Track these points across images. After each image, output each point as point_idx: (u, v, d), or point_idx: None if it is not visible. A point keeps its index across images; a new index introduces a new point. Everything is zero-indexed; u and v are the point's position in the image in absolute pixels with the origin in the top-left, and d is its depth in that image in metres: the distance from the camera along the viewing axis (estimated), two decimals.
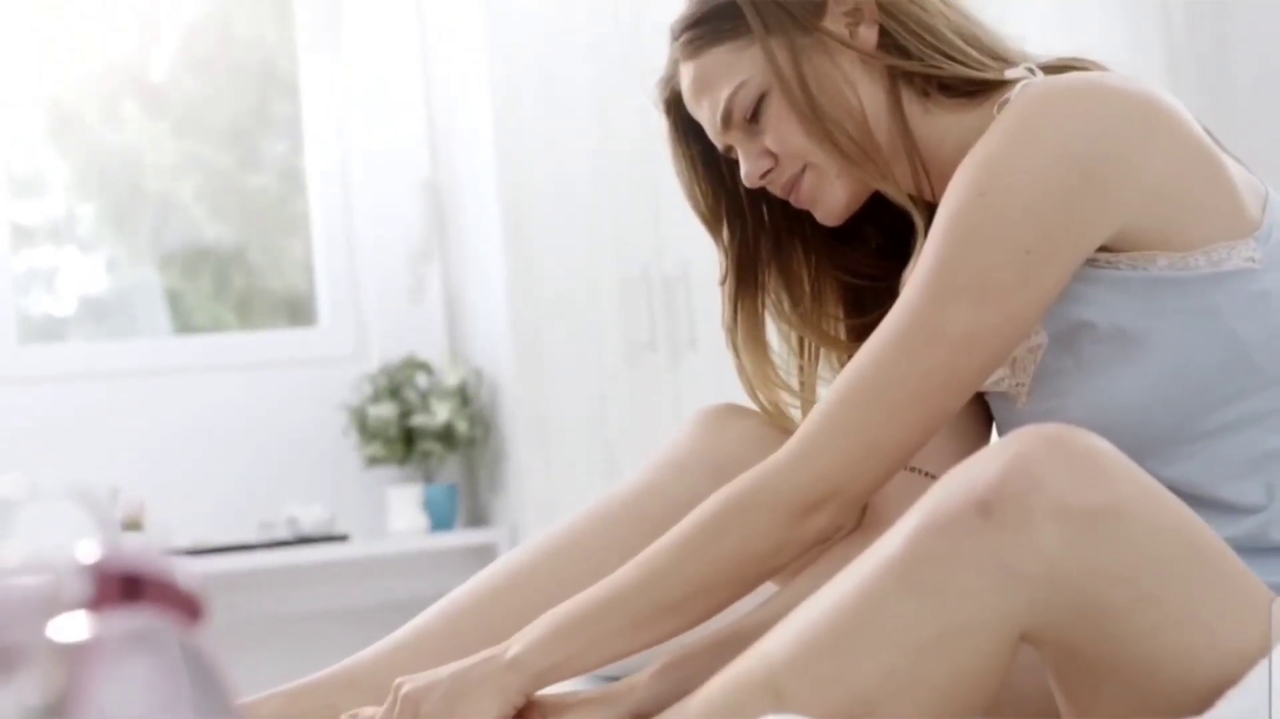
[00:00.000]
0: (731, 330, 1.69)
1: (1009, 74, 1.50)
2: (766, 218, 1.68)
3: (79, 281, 4.42)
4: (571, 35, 3.98)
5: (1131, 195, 1.37)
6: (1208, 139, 1.43)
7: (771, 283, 1.69)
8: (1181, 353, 1.39)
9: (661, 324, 3.94)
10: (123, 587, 0.78)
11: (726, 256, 1.68)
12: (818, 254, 1.69)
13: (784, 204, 1.63)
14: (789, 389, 1.70)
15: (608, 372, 3.96)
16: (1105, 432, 1.37)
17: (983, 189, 1.37)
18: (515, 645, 1.44)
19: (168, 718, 0.74)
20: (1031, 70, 1.50)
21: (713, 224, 1.69)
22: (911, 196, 1.56)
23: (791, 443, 1.43)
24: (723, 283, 1.69)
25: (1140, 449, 1.39)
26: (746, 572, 1.44)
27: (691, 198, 1.69)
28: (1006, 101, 1.45)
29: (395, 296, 4.39)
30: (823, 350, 1.69)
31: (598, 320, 3.98)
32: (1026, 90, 1.43)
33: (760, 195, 1.65)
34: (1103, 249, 1.39)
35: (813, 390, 1.69)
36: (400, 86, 4.42)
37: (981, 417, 1.65)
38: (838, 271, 1.69)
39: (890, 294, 1.59)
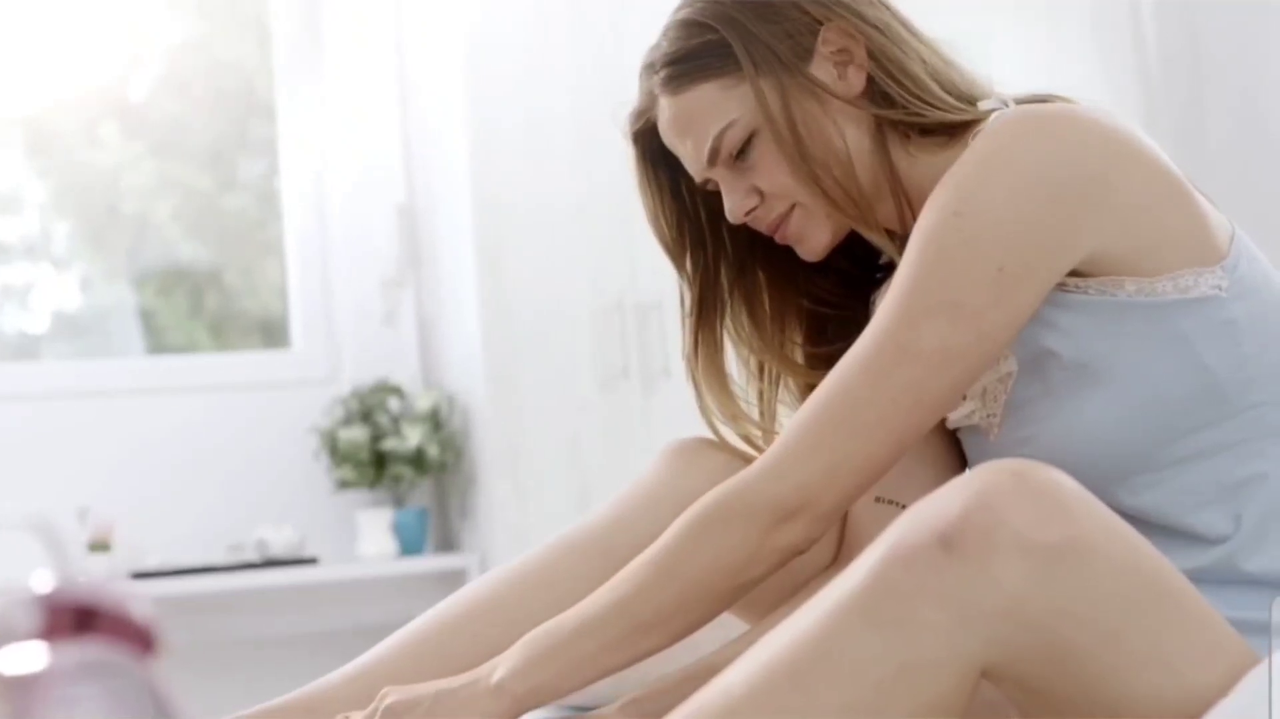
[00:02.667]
0: (692, 360, 1.69)
1: (982, 105, 1.52)
2: (729, 244, 1.69)
3: (53, 299, 4.41)
4: (549, 63, 3.99)
5: (1104, 218, 1.38)
6: (1178, 170, 1.44)
7: (734, 307, 1.69)
8: (1150, 381, 1.40)
9: (635, 352, 3.94)
10: (76, 618, 0.77)
11: (690, 286, 1.69)
12: (781, 279, 1.69)
13: (748, 230, 1.64)
14: (750, 420, 1.70)
15: (580, 399, 3.96)
16: (1075, 460, 1.38)
17: (956, 209, 1.39)
18: (499, 670, 1.45)
19: None
20: (1005, 103, 1.52)
21: (677, 253, 1.69)
22: (894, 233, 1.58)
23: (764, 456, 1.44)
24: (689, 313, 1.69)
25: (1109, 477, 1.41)
26: (720, 585, 1.44)
27: (656, 227, 1.69)
28: (980, 132, 1.47)
29: (369, 320, 4.39)
30: (783, 376, 1.69)
31: (571, 347, 3.98)
32: (1001, 117, 1.45)
33: (721, 221, 1.65)
34: (1072, 273, 1.41)
35: (772, 418, 1.70)
36: (377, 112, 4.43)
37: (955, 449, 1.65)
38: (800, 298, 1.70)
39: (852, 323, 1.61)
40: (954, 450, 1.65)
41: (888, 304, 1.41)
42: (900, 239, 1.58)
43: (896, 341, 1.39)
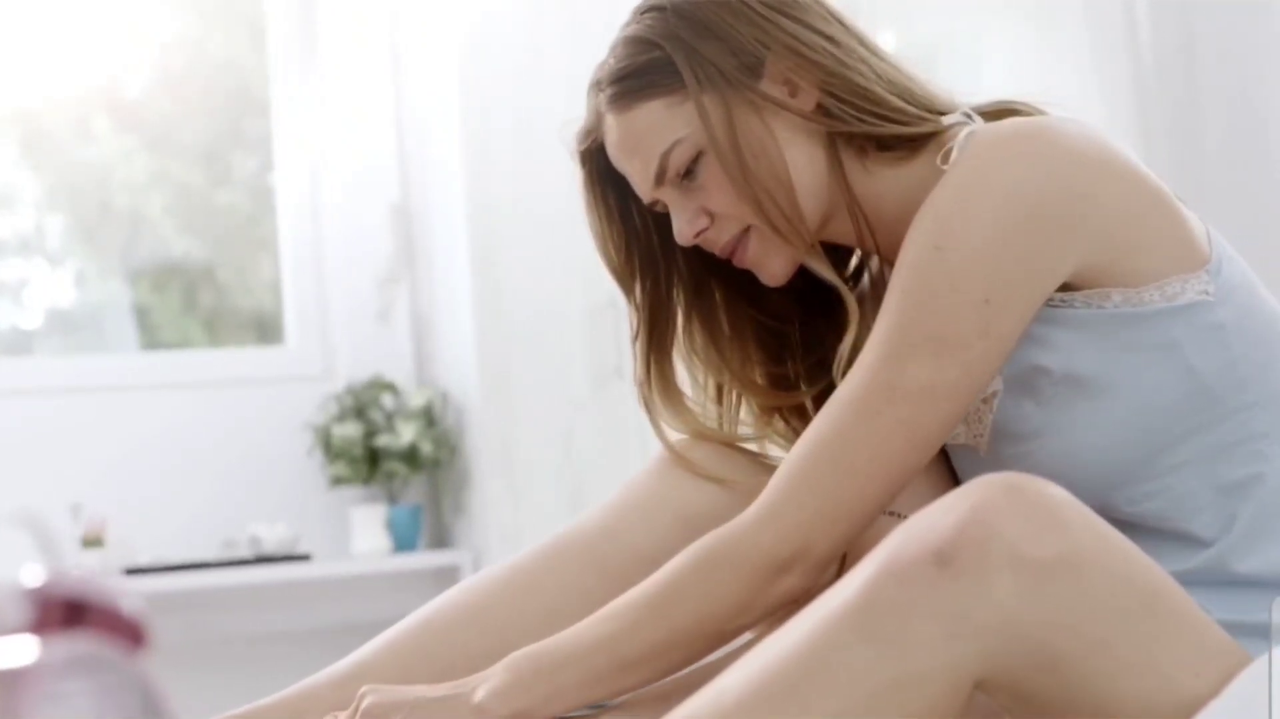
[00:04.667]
0: (645, 384, 1.66)
1: (946, 120, 1.49)
2: (683, 265, 1.65)
3: (47, 295, 4.41)
4: (543, 64, 3.99)
5: (1085, 235, 1.37)
6: (1155, 176, 1.43)
7: (689, 329, 1.66)
8: (1143, 390, 1.39)
9: (628, 351, 3.93)
10: (65, 612, 0.77)
11: (639, 311, 1.66)
12: (739, 299, 1.66)
13: (702, 250, 1.60)
14: (712, 433, 1.68)
15: (573, 397, 3.96)
16: (1070, 472, 1.37)
17: (938, 242, 1.37)
18: (481, 688, 1.44)
19: None
20: (969, 116, 1.50)
21: (625, 277, 1.66)
22: (852, 249, 1.57)
23: (757, 503, 1.43)
24: (635, 338, 1.66)
25: (1105, 487, 1.40)
26: (709, 631, 1.44)
27: (603, 250, 1.66)
28: (949, 150, 1.45)
29: (363, 317, 4.39)
30: (743, 398, 1.67)
31: (564, 345, 3.98)
32: (973, 139, 1.42)
33: (674, 243, 1.61)
34: (1058, 288, 1.39)
35: (734, 440, 1.68)
36: (372, 110, 4.43)
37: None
38: (761, 316, 1.67)
39: (816, 341, 1.59)
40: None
41: (874, 343, 1.40)
42: (865, 256, 1.58)
43: (884, 382, 1.38)
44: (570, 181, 1.71)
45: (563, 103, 3.90)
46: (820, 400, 1.60)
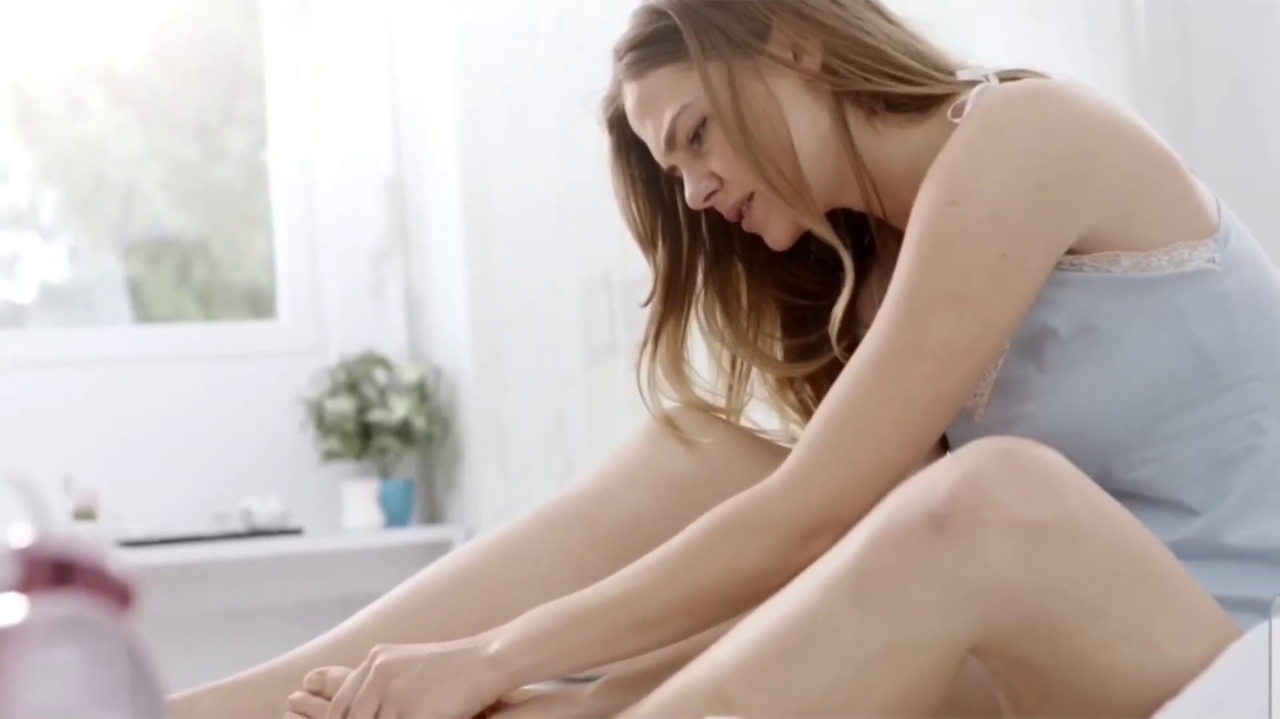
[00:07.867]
0: (651, 347, 1.66)
1: (961, 75, 1.50)
2: (706, 234, 1.67)
3: (40, 269, 4.40)
4: (539, 39, 3.98)
5: (1099, 193, 1.37)
6: (1165, 143, 1.43)
7: (707, 300, 1.68)
8: (1145, 357, 1.39)
9: (622, 327, 3.94)
10: (53, 572, 0.77)
11: (657, 275, 1.67)
12: (758, 270, 1.67)
13: (723, 220, 1.62)
14: (711, 408, 1.69)
15: (567, 372, 3.96)
16: (1069, 436, 1.38)
17: (952, 198, 1.37)
18: (496, 642, 1.44)
19: (95, 706, 0.74)
20: (985, 76, 1.50)
21: (648, 242, 1.68)
22: (862, 215, 1.57)
23: (783, 469, 1.42)
24: (647, 302, 1.67)
25: (1101, 453, 1.41)
26: (731, 594, 1.43)
27: (628, 215, 1.68)
28: (961, 104, 1.46)
29: (356, 292, 4.39)
30: (754, 369, 1.68)
31: (558, 321, 3.98)
32: (986, 96, 1.43)
33: (699, 213, 1.64)
34: (1067, 251, 1.39)
35: (739, 412, 1.69)
36: (366, 86, 4.42)
37: None
38: (777, 289, 1.68)
39: (832, 312, 1.60)
40: None
41: (891, 302, 1.39)
42: (872, 220, 1.58)
43: (905, 342, 1.38)
44: (565, 158, 1.73)
45: (558, 78, 3.92)
46: (832, 369, 1.60)
